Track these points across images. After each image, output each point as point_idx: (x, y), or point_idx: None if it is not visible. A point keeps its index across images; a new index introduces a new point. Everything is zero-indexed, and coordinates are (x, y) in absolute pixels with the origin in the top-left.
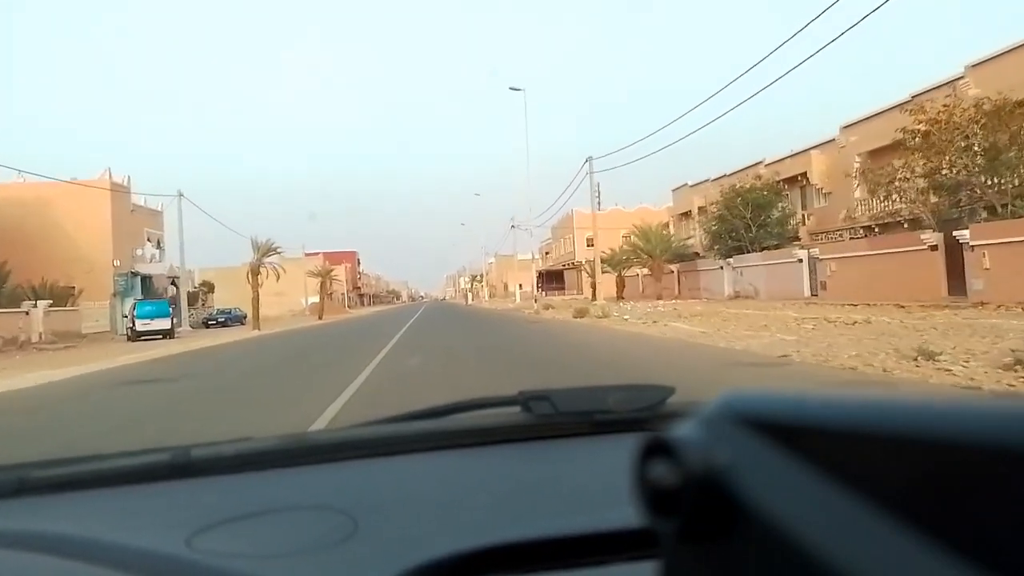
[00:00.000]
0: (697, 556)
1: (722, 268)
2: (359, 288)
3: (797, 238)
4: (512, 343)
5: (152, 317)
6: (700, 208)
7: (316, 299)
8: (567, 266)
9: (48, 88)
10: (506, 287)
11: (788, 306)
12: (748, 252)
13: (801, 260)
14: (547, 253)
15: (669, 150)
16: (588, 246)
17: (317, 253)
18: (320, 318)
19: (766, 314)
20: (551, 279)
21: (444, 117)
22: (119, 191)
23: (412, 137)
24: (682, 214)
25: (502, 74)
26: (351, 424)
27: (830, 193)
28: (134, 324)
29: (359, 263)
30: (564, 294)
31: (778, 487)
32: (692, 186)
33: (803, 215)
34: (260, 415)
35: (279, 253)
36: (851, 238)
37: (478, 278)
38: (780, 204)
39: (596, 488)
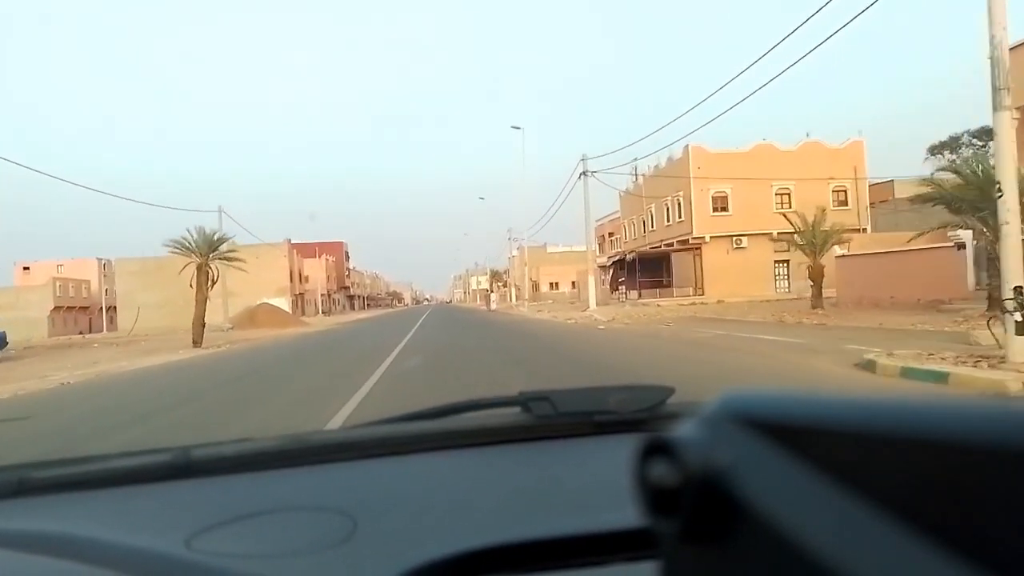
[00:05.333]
0: (697, 556)
1: None
2: (347, 287)
3: None
4: None
5: None
6: None
7: (277, 300)
8: (676, 245)
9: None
10: (536, 286)
11: None
12: None
13: None
14: (611, 235)
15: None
16: (716, 210)
17: (282, 242)
18: (195, 343)
19: None
20: (643, 269)
21: (454, 103)
22: None
23: (421, 123)
24: None
25: (504, 78)
26: (351, 425)
27: None
28: None
29: (348, 257)
30: (672, 293)
31: (778, 487)
32: None
33: None
34: None
35: None
36: None
37: (499, 276)
38: None
39: (596, 489)
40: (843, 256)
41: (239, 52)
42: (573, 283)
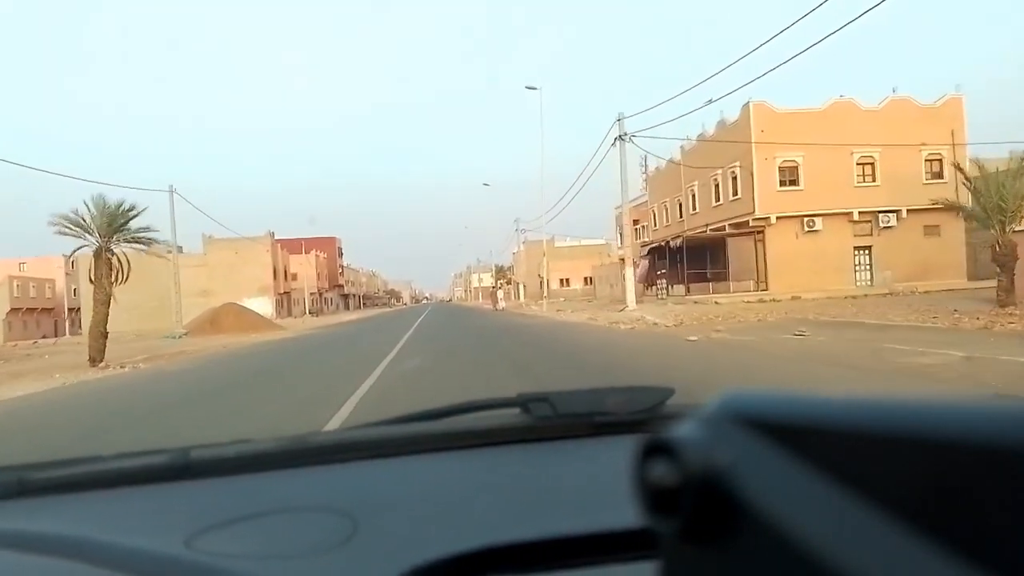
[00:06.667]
0: (697, 557)
1: None
2: (341, 286)
3: None
4: None
5: None
6: None
7: (259, 300)
8: (728, 229)
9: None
10: (546, 283)
11: None
12: None
13: None
14: (636, 222)
15: None
16: (783, 184)
17: (263, 235)
18: (92, 360)
19: None
20: (691, 259)
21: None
22: None
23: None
24: None
25: (505, 80)
26: (351, 426)
27: None
28: None
29: (341, 253)
30: (728, 288)
31: (778, 487)
32: None
33: None
34: None
35: None
36: None
37: (503, 272)
38: None
39: (595, 489)
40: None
41: (230, 42)
42: (586, 279)
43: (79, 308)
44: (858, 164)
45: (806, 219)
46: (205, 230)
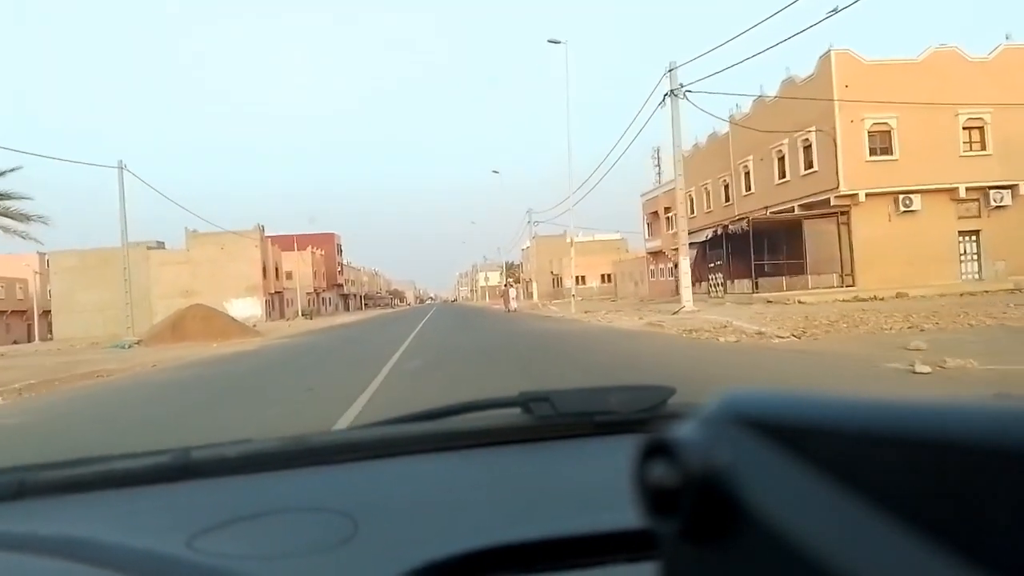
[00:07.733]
0: (697, 557)
1: None
2: (340, 285)
3: None
4: None
5: None
6: None
7: (246, 300)
8: (798, 210)
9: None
10: (559, 281)
11: None
12: None
13: None
14: (667, 211)
15: None
16: (874, 152)
17: (251, 228)
18: None
19: None
20: (757, 248)
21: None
22: None
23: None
24: None
25: (510, 74)
26: (352, 426)
27: None
28: None
29: (340, 251)
30: (806, 283)
31: (778, 488)
32: None
33: None
34: None
35: None
36: None
37: (513, 271)
38: None
39: (596, 489)
40: None
41: (230, 37)
42: (604, 276)
43: (51, 310)
44: (964, 128)
45: (901, 197)
46: (189, 224)
